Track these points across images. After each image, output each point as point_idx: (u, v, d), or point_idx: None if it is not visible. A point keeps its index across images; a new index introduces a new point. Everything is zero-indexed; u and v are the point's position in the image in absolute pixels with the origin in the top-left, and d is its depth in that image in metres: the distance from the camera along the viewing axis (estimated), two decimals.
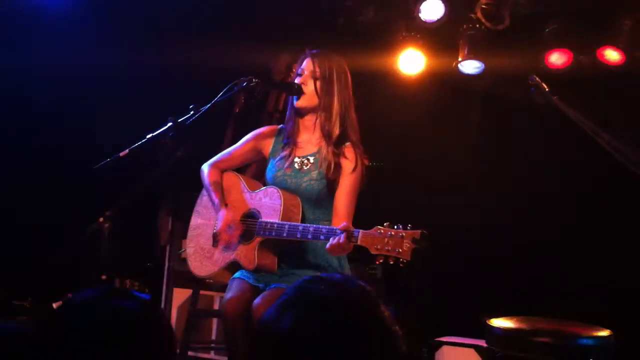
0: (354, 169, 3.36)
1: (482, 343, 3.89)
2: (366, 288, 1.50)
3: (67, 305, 1.55)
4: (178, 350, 4.46)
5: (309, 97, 3.44)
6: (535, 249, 4.89)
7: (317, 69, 3.44)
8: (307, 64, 3.47)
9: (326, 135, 3.42)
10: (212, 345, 4.89)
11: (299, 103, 3.46)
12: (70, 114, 5.28)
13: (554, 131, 4.81)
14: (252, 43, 4.99)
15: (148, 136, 3.69)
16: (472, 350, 4.14)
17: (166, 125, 3.64)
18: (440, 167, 5.17)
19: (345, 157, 3.38)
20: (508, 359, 3.53)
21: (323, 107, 3.43)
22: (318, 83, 3.43)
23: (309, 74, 3.45)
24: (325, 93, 3.42)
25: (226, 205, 3.51)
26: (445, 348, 4.29)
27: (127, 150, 3.69)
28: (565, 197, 4.89)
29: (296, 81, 3.47)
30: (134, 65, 5.07)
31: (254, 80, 3.71)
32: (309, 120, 3.49)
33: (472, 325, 4.15)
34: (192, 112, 3.68)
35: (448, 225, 4.81)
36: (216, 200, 3.53)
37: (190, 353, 4.50)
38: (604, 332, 3.57)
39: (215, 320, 4.93)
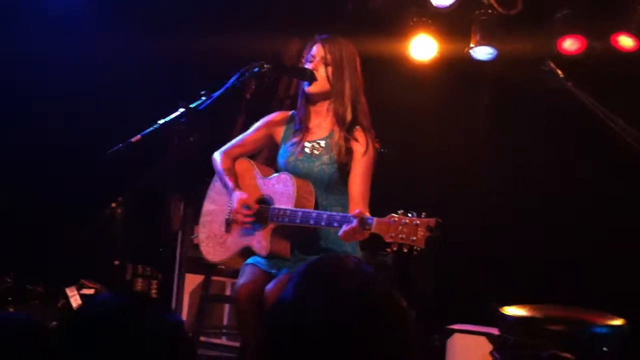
0: (365, 152, 3.36)
1: (494, 331, 3.89)
2: (379, 274, 1.51)
3: (92, 309, 1.52)
4: (190, 334, 4.48)
5: (320, 82, 3.43)
6: (549, 235, 4.88)
7: (328, 55, 3.42)
8: (317, 50, 3.46)
9: (339, 120, 3.41)
10: (224, 330, 4.91)
11: (311, 89, 3.45)
12: (84, 99, 5.28)
13: (567, 117, 4.78)
14: (263, 29, 4.97)
15: (160, 122, 3.70)
16: (483, 338, 4.14)
17: (178, 111, 3.65)
18: (451, 153, 5.16)
19: (357, 141, 3.38)
20: (520, 347, 3.52)
21: (335, 93, 3.42)
22: (329, 69, 3.42)
23: (319, 60, 3.43)
24: (336, 78, 3.41)
25: (239, 188, 3.52)
26: (456, 335, 4.28)
27: (139, 136, 3.69)
28: (579, 182, 4.86)
29: (306, 67, 3.46)
30: (146, 51, 5.06)
31: (265, 65, 3.70)
32: (320, 105, 3.49)
33: (483, 313, 4.14)
34: (203, 98, 3.68)
35: (459, 211, 4.79)
36: (230, 184, 3.53)
37: (202, 338, 4.53)
38: (618, 321, 3.55)
39: (227, 306, 4.95)
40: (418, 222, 2.89)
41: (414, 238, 2.88)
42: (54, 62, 5.09)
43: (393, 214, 2.94)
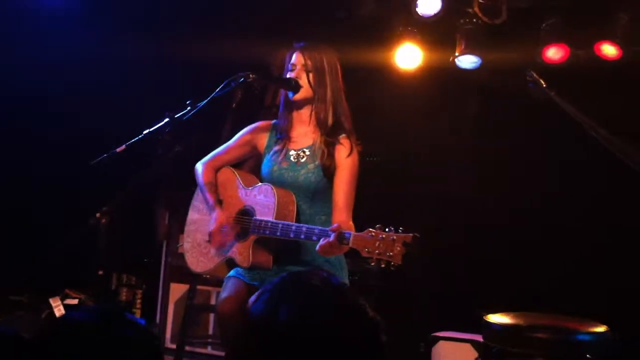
0: (349, 155, 3.37)
1: (478, 338, 3.89)
2: (349, 287, 1.52)
3: (57, 327, 1.52)
4: (175, 346, 4.46)
5: (303, 90, 3.44)
6: (533, 244, 4.90)
7: (308, 61, 3.44)
8: (297, 58, 3.47)
9: (320, 124, 3.43)
10: (209, 340, 4.89)
11: (295, 96, 3.46)
12: (66, 110, 5.26)
13: (552, 126, 4.81)
14: (250, 37, 4.98)
15: (145, 132, 3.69)
16: (468, 346, 4.15)
17: (163, 120, 3.65)
18: (437, 161, 5.17)
19: (340, 144, 3.39)
20: (504, 354, 3.53)
21: (317, 98, 3.44)
22: (311, 75, 3.43)
23: (300, 68, 3.44)
24: (318, 84, 3.43)
25: (220, 203, 3.51)
26: (442, 343, 4.29)
27: (124, 146, 3.69)
28: (563, 193, 4.89)
29: (288, 76, 3.47)
30: (130, 60, 5.05)
31: (251, 75, 3.71)
32: (304, 113, 3.49)
33: (469, 321, 4.15)
34: (188, 108, 3.68)
35: (444, 220, 4.81)
36: (210, 201, 3.53)
37: (187, 348, 4.51)
38: (601, 328, 3.57)
39: (212, 315, 4.93)
40: (395, 237, 2.89)
41: (391, 254, 2.88)
42: (54, 62, 5.07)
43: (370, 229, 2.95)
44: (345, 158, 3.36)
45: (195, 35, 5.06)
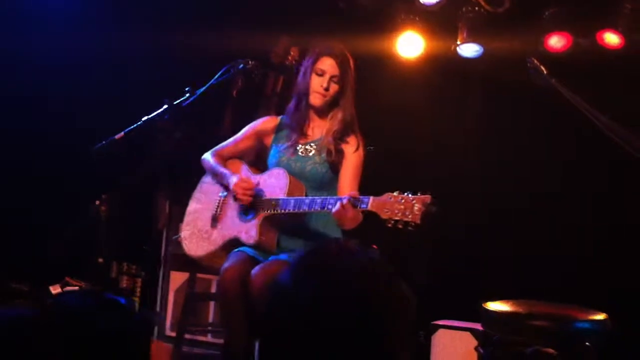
0: (356, 151, 3.48)
1: (478, 327, 3.89)
2: (382, 260, 1.46)
3: (50, 311, 1.51)
4: (175, 334, 4.47)
5: (328, 98, 3.52)
6: (534, 233, 4.88)
7: (340, 73, 3.50)
8: (329, 66, 3.50)
9: (334, 126, 3.51)
10: (209, 328, 4.90)
11: (319, 103, 3.52)
12: (66, 97, 5.25)
13: (554, 115, 4.78)
14: (251, 27, 4.96)
15: (144, 119, 3.70)
16: (468, 334, 4.14)
17: (162, 107, 3.65)
18: (438, 151, 5.15)
19: (347, 143, 3.50)
20: (504, 343, 3.53)
21: (337, 104, 3.54)
22: (337, 86, 3.51)
23: (330, 77, 3.49)
24: (340, 93, 3.53)
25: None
26: (441, 331, 4.28)
27: (122, 133, 3.70)
28: (564, 182, 4.87)
29: (316, 80, 3.49)
30: (130, 47, 5.04)
31: (250, 62, 3.73)
32: (318, 113, 3.58)
33: (468, 309, 4.14)
34: (187, 95, 3.69)
35: (445, 211, 4.77)
36: (226, 171, 3.59)
37: (187, 336, 4.51)
38: (600, 316, 3.56)
39: (212, 304, 4.94)
40: (414, 199, 2.96)
41: (410, 214, 2.93)
42: (52, 61, 5.07)
43: (389, 193, 3.02)
44: (352, 153, 3.48)
45: (195, 25, 5.05)
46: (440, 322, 4.35)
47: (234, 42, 4.64)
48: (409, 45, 5.10)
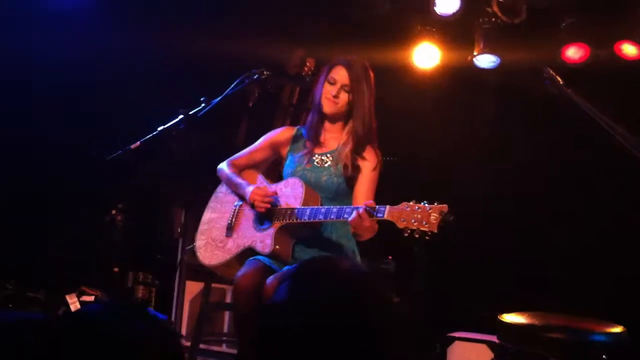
0: (374, 168, 3.45)
1: (494, 339, 3.86)
2: (372, 274, 1.49)
3: (69, 321, 1.49)
4: (190, 344, 4.47)
5: (340, 106, 3.49)
6: (548, 244, 4.85)
7: (351, 81, 3.47)
8: (340, 75, 3.49)
9: (351, 138, 3.48)
10: (224, 338, 4.89)
11: (329, 110, 3.50)
12: (84, 106, 5.27)
13: (569, 126, 4.75)
14: (266, 37, 4.98)
15: (159, 128, 3.71)
16: (484, 346, 4.11)
17: (177, 117, 3.67)
18: (454, 161, 5.14)
19: (365, 159, 3.46)
20: (520, 355, 3.50)
21: (352, 115, 3.50)
22: (350, 95, 3.48)
23: (341, 85, 3.47)
24: (356, 104, 3.48)
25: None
26: (457, 343, 4.26)
27: (138, 143, 3.72)
28: (579, 192, 4.84)
29: (327, 88, 3.48)
30: (146, 57, 5.06)
31: (265, 72, 3.74)
32: (334, 124, 3.56)
33: (484, 321, 4.11)
34: (203, 105, 3.70)
35: (460, 219, 4.75)
36: (243, 182, 3.59)
37: (202, 346, 4.51)
38: (617, 329, 3.52)
39: (227, 314, 4.93)
40: (431, 208, 2.96)
41: (427, 223, 2.93)
42: (55, 61, 5.08)
43: (405, 202, 3.02)
44: (370, 171, 3.43)
45: (211, 35, 5.07)
46: (456, 334, 4.32)
47: (249, 52, 4.66)
48: (425, 56, 5.10)
